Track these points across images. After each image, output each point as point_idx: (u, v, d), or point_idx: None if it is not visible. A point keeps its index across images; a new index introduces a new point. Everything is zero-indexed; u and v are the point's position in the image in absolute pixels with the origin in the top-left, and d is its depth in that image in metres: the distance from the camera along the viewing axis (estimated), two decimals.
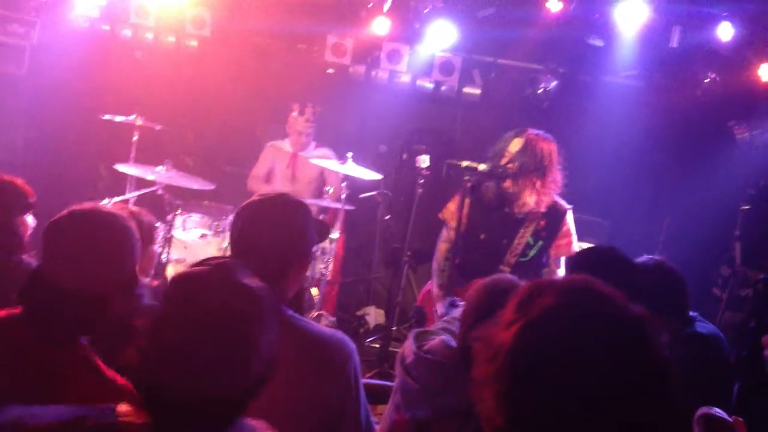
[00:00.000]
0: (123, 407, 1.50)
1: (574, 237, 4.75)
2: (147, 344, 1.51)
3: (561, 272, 4.78)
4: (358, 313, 6.78)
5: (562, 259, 4.78)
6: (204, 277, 1.54)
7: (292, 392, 2.19)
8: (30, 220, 3.30)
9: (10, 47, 7.00)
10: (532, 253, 4.66)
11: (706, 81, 6.39)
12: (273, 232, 2.34)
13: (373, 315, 6.74)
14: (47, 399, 1.57)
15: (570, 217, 4.74)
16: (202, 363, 1.45)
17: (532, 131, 4.59)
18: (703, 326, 3.24)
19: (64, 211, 2.17)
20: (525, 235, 4.63)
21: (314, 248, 5.72)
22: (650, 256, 3.37)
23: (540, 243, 4.67)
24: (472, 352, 1.76)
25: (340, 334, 2.36)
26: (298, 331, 2.29)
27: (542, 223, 4.63)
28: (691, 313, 3.27)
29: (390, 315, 5.73)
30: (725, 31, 6.08)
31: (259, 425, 1.58)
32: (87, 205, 2.22)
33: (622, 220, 6.66)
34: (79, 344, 2.06)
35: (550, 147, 4.58)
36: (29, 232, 3.29)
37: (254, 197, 2.46)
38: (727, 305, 5.90)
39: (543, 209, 4.61)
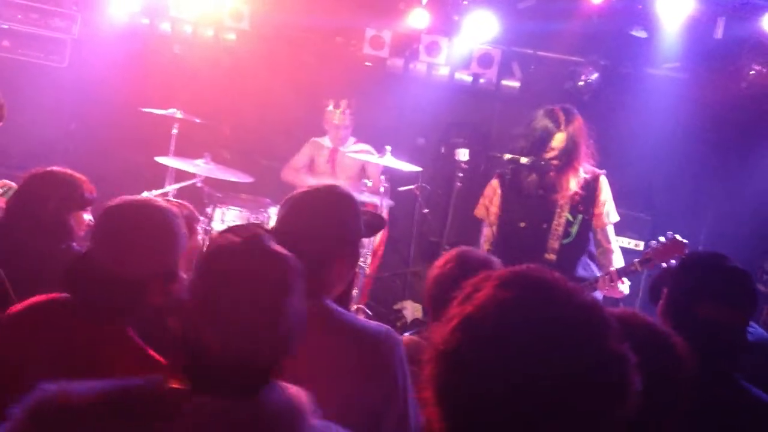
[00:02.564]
0: (163, 377, 1.56)
1: (611, 203, 4.62)
2: (186, 309, 1.58)
3: (615, 246, 4.68)
4: (395, 307, 6.77)
5: (610, 230, 4.67)
6: (234, 244, 1.61)
7: (335, 386, 2.16)
8: (87, 217, 3.33)
9: (51, 41, 7.09)
10: (574, 230, 4.55)
11: (751, 73, 6.25)
12: (312, 223, 2.30)
13: (410, 309, 6.72)
14: (93, 378, 1.61)
15: (604, 182, 4.63)
16: (233, 323, 1.53)
17: (562, 112, 4.50)
18: (751, 332, 3.12)
19: (117, 199, 2.27)
20: (563, 214, 4.54)
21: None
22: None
23: (580, 217, 4.54)
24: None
25: (385, 328, 2.33)
26: (342, 324, 2.27)
27: (577, 196, 4.52)
28: None
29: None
30: None
31: (293, 389, 1.61)
32: (140, 197, 2.34)
33: (664, 214, 6.55)
34: (122, 326, 2.15)
35: (581, 124, 4.51)
36: (84, 228, 3.32)
37: (303, 188, 2.43)
38: None
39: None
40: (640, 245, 6.36)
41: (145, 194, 5.65)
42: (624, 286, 4.36)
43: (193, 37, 7.31)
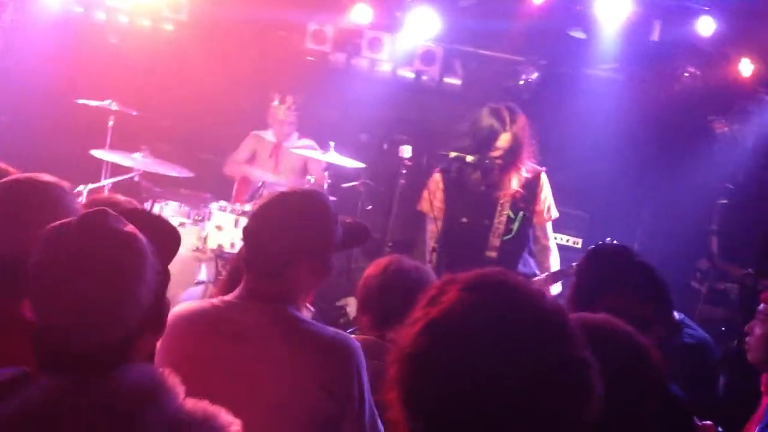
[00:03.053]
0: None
1: (551, 200, 4.70)
2: (29, 290, 1.57)
3: (552, 244, 4.76)
4: (338, 303, 6.74)
5: (549, 227, 4.74)
6: (73, 224, 1.58)
7: (294, 395, 2.18)
8: None
9: None
10: (515, 227, 4.62)
11: (686, 75, 6.44)
12: (278, 227, 2.29)
13: (353, 306, 6.70)
14: None
15: (545, 179, 4.70)
16: (72, 303, 1.51)
17: (507, 111, 4.55)
18: (691, 334, 3.17)
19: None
20: (504, 211, 4.59)
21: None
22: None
23: (521, 214, 4.61)
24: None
25: (343, 336, 2.32)
26: (301, 333, 2.26)
27: (519, 193, 4.58)
28: (677, 317, 3.16)
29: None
30: (706, 26, 6.13)
31: (158, 371, 1.58)
32: (23, 174, 2.28)
33: (601, 212, 6.68)
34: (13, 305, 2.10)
35: (524, 123, 4.57)
36: None
37: (279, 190, 2.45)
38: (705, 299, 5.96)
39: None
40: (579, 242, 6.48)
41: (81, 188, 5.52)
42: (555, 288, 4.51)
43: (130, 27, 7.14)
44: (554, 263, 4.67)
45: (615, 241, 3.61)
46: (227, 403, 2.10)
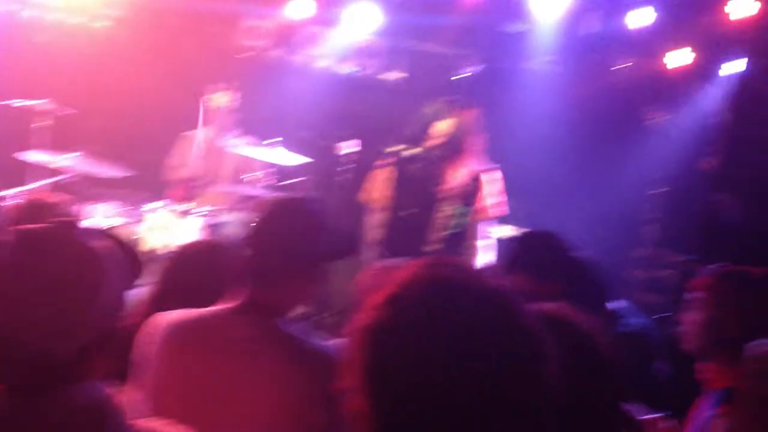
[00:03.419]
0: None
1: (495, 198, 4.71)
2: None
3: (481, 243, 4.76)
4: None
5: (486, 226, 4.74)
6: (31, 234, 1.53)
7: (283, 408, 2.12)
8: None
9: None
10: (457, 223, 4.62)
11: (620, 67, 6.54)
12: (276, 237, 2.23)
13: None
14: None
15: (492, 177, 4.70)
16: (22, 315, 1.45)
17: (450, 104, 4.56)
18: (629, 322, 3.18)
19: None
20: (446, 207, 4.58)
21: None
22: None
23: (462, 210, 4.63)
24: None
25: (333, 349, 2.28)
26: (289, 347, 2.19)
27: (464, 189, 4.63)
28: (616, 305, 3.15)
29: (315, 302, 5.65)
30: (640, 17, 6.24)
31: (110, 391, 1.54)
32: None
33: (540, 204, 6.74)
34: None
35: (471, 117, 4.57)
36: None
37: (275, 199, 2.42)
38: (645, 286, 6.06)
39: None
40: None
41: (8, 192, 5.35)
42: None
43: (61, 25, 6.94)
44: (479, 261, 4.69)
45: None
46: (216, 419, 2.05)
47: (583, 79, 6.74)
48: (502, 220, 6.53)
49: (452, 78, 6.92)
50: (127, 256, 1.64)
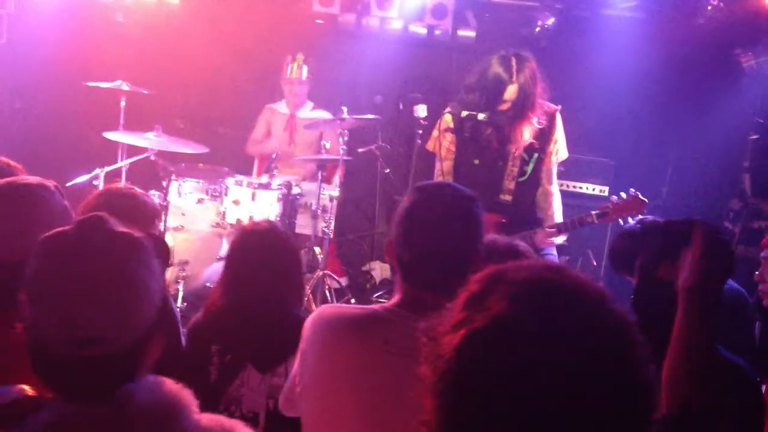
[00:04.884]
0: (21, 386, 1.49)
1: (563, 141, 4.55)
2: (28, 305, 1.47)
3: (555, 188, 4.60)
4: (364, 268, 6.68)
5: (554, 170, 4.58)
6: (70, 230, 1.49)
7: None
8: None
9: None
10: (529, 169, 4.49)
11: (709, 8, 6.16)
12: (453, 235, 2.07)
13: (379, 270, 6.64)
14: None
15: (558, 119, 4.52)
16: (74, 314, 1.41)
17: (515, 60, 4.37)
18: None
19: None
20: (518, 152, 4.46)
21: (314, 207, 5.58)
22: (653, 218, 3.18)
23: (536, 155, 4.47)
24: None
25: None
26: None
27: (532, 136, 4.43)
28: None
29: None
30: None
31: (170, 386, 1.50)
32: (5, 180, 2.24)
33: (627, 158, 6.49)
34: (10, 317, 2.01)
35: (533, 70, 4.39)
36: None
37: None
38: (740, 239, 5.77)
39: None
40: (605, 191, 6.30)
41: (97, 171, 5.49)
42: (560, 239, 4.39)
43: (135, 4, 7.04)
44: (557, 210, 4.55)
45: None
46: (374, 419, 1.96)
47: (669, 22, 6.38)
48: (586, 175, 6.33)
49: (528, 31, 6.67)
50: (158, 246, 1.60)
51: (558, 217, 4.53)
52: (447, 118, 4.55)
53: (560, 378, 0.98)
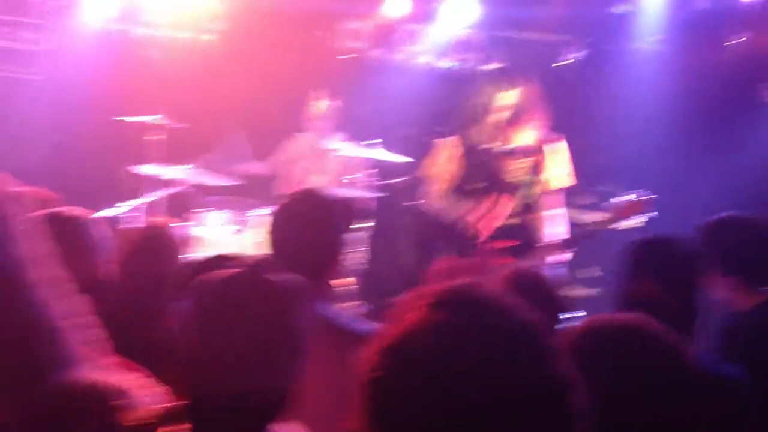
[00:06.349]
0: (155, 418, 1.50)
1: (563, 168, 4.66)
2: (185, 347, 1.50)
3: (559, 210, 4.69)
4: (391, 300, 6.70)
5: (552, 197, 4.68)
6: (233, 278, 1.52)
7: (341, 401, 2.13)
8: None
9: (25, 53, 6.97)
10: (533, 192, 4.62)
11: (734, 43, 6.20)
12: (303, 235, 2.29)
13: None
14: None
15: (560, 148, 4.63)
16: (239, 362, 1.44)
17: (510, 72, 4.52)
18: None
19: None
20: (518, 175, 4.56)
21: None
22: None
23: (529, 180, 4.61)
24: None
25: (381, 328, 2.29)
26: (341, 331, 2.26)
27: (530, 159, 4.60)
28: None
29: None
30: None
31: (294, 427, 1.56)
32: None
33: (656, 191, 6.48)
34: None
35: (534, 87, 4.51)
36: None
37: (285, 198, 2.47)
38: None
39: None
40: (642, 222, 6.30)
41: (130, 203, 5.61)
42: (567, 255, 4.53)
43: (170, 41, 7.22)
44: (561, 228, 4.66)
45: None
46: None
47: (694, 56, 6.43)
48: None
49: (555, 65, 6.75)
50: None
51: (562, 234, 4.60)
52: (450, 144, 4.68)
53: (466, 386, 1.02)
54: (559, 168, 4.63)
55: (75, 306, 1.65)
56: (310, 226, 2.34)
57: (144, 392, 1.58)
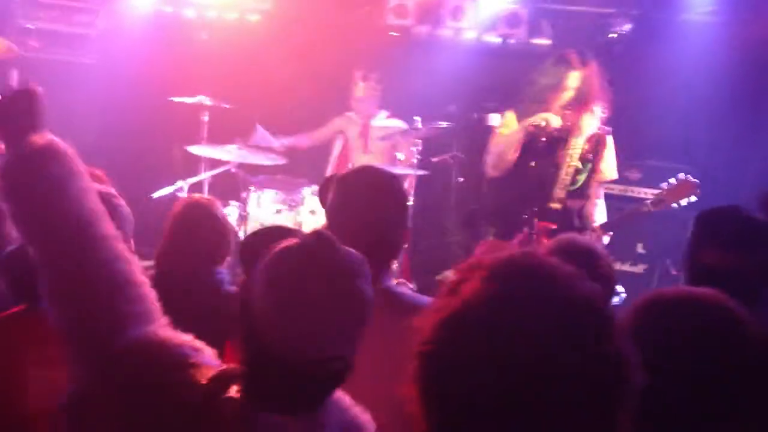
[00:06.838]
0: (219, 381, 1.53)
1: (612, 162, 4.67)
2: (253, 314, 1.49)
3: (600, 202, 4.71)
4: (438, 277, 6.72)
5: (601, 188, 4.72)
6: (304, 246, 1.51)
7: (394, 363, 2.15)
8: None
9: (77, 37, 7.12)
10: (581, 179, 4.60)
11: None
12: (368, 209, 2.28)
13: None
14: None
15: (610, 141, 4.64)
16: (308, 328, 1.44)
17: (576, 54, 4.46)
18: None
19: None
20: (572, 162, 4.53)
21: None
22: None
23: (589, 166, 4.59)
24: None
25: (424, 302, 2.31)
26: (406, 305, 2.27)
27: (587, 146, 4.57)
28: None
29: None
30: None
31: (354, 409, 1.58)
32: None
33: (705, 164, 6.35)
34: None
35: (596, 68, 4.48)
36: None
37: (344, 176, 2.43)
38: None
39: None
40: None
41: (180, 184, 5.73)
42: (605, 239, 4.49)
43: (218, 22, 7.30)
44: (598, 217, 4.65)
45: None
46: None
47: (748, 26, 6.23)
48: (660, 181, 6.23)
49: (604, 38, 6.63)
50: None
51: (602, 219, 4.59)
52: (511, 117, 4.66)
53: (527, 357, 1.01)
54: (610, 159, 4.63)
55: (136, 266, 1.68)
56: (374, 203, 2.29)
57: (209, 353, 1.62)
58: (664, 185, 4.36)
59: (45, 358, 2.22)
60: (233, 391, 1.49)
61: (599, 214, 4.68)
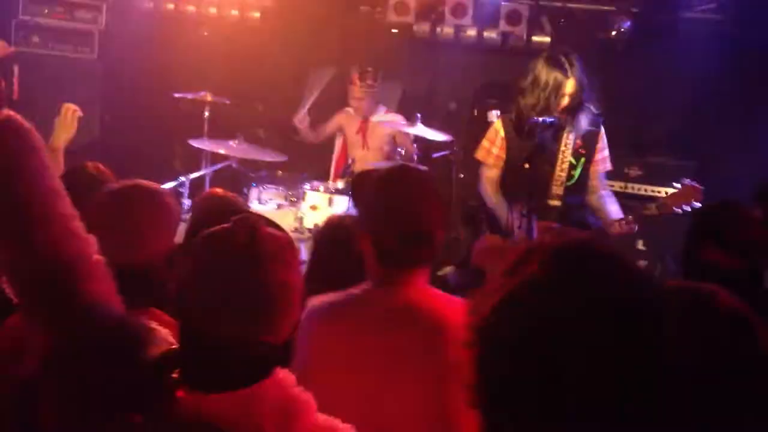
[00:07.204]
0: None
1: (607, 151, 4.68)
2: (180, 293, 1.57)
3: (608, 194, 4.71)
4: (439, 273, 6.73)
5: (604, 177, 4.72)
6: (225, 228, 1.58)
7: (416, 374, 2.16)
8: None
9: (79, 33, 7.15)
10: (576, 173, 4.60)
11: None
12: (411, 209, 2.25)
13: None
14: None
15: (602, 131, 4.65)
16: (230, 304, 1.51)
17: (564, 57, 4.46)
18: None
19: (112, 186, 2.35)
20: (565, 158, 4.53)
21: None
22: None
23: (582, 160, 4.59)
24: None
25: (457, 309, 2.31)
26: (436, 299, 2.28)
27: (579, 141, 4.57)
28: None
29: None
30: None
31: (294, 388, 1.59)
32: (128, 181, 2.37)
33: (708, 160, 6.37)
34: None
35: (581, 66, 4.48)
36: None
37: (377, 173, 2.43)
38: None
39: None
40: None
41: (182, 179, 5.74)
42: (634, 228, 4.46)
43: (219, 18, 7.31)
44: (614, 208, 4.61)
45: None
46: (367, 396, 2.11)
47: (748, 24, 6.25)
48: (664, 178, 6.25)
49: (604, 36, 6.64)
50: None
51: (618, 213, 4.58)
52: (498, 126, 4.68)
53: (584, 334, 1.03)
54: (603, 150, 4.65)
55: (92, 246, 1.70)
56: (418, 204, 2.25)
57: (164, 333, 1.66)
58: (669, 190, 4.35)
59: None
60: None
61: (611, 205, 4.62)
